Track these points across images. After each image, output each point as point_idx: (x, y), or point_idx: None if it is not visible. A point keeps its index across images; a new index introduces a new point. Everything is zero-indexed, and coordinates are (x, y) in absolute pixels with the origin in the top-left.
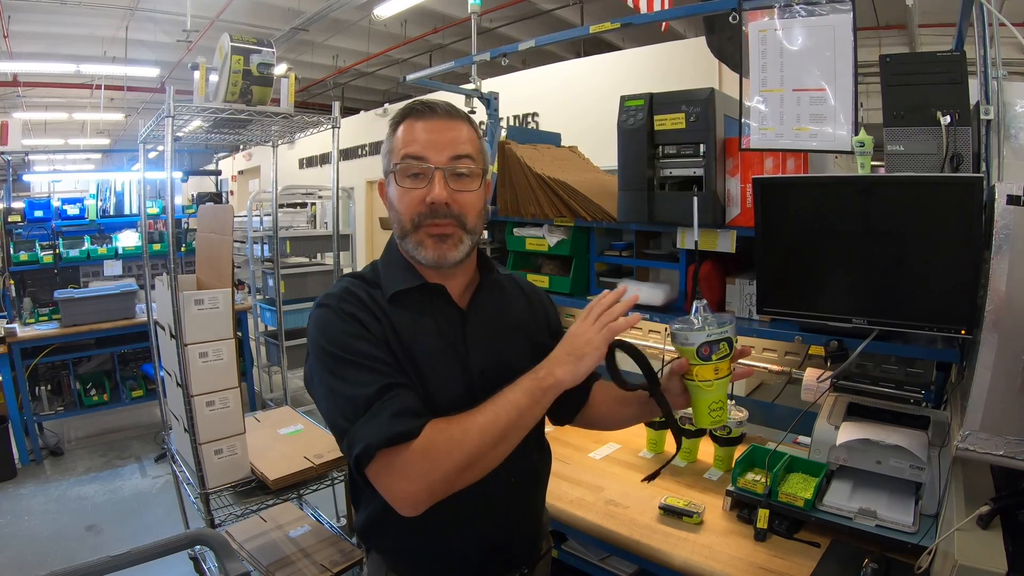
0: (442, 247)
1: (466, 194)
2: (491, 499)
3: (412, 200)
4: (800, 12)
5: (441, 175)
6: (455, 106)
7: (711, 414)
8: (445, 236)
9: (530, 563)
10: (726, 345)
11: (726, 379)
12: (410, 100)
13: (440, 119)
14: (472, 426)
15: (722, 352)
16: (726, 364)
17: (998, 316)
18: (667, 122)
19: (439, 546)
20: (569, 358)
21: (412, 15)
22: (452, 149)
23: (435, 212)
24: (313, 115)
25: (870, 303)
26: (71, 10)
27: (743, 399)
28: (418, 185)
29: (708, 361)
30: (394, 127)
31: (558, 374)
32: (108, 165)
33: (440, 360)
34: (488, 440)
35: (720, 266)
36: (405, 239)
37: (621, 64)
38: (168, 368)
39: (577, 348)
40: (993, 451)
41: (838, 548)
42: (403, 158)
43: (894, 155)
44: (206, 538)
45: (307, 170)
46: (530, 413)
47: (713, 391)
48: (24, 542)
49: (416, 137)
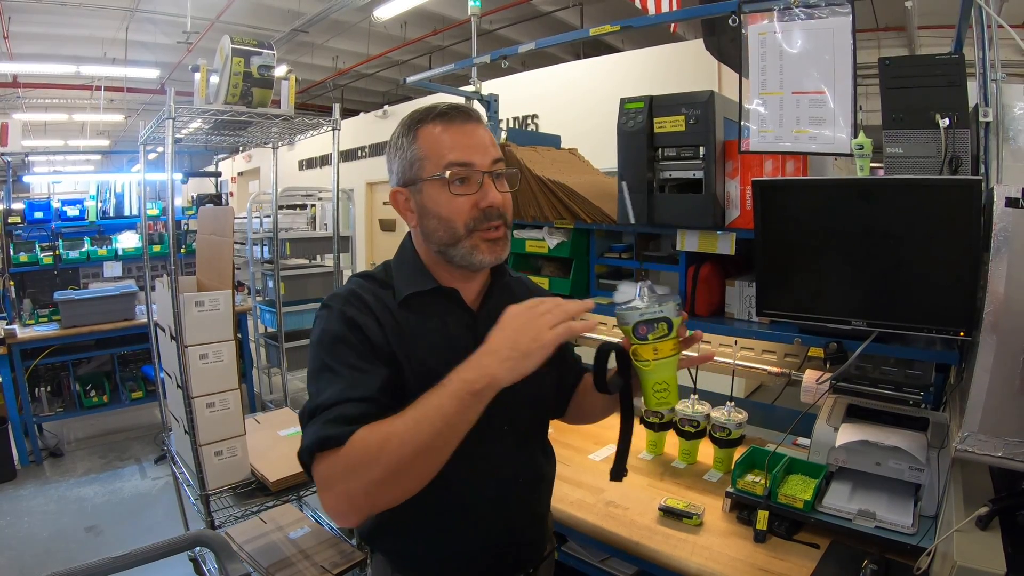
0: (496, 249)
1: (507, 194)
2: (498, 503)
3: (464, 206)
4: (800, 15)
5: (490, 179)
6: (472, 107)
7: (655, 395)
8: (498, 240)
9: (534, 564)
10: (664, 325)
11: (668, 360)
12: (417, 106)
13: (471, 122)
14: (392, 436)
15: (659, 332)
16: (667, 344)
17: (996, 318)
18: (667, 124)
19: (445, 549)
20: (513, 354)
21: (412, 17)
22: (492, 152)
23: (489, 215)
24: (313, 117)
25: (869, 305)
26: (71, 11)
27: (742, 401)
28: (468, 191)
29: (645, 341)
30: (413, 133)
31: (497, 373)
32: (108, 166)
33: (451, 363)
34: (408, 452)
35: (719, 268)
36: (456, 245)
37: (621, 66)
38: (168, 369)
39: (522, 344)
40: (992, 452)
41: (837, 549)
42: (450, 164)
43: (893, 157)
44: (206, 539)
45: (307, 172)
46: (460, 420)
47: (653, 371)
48: (24, 543)
49: (457, 141)
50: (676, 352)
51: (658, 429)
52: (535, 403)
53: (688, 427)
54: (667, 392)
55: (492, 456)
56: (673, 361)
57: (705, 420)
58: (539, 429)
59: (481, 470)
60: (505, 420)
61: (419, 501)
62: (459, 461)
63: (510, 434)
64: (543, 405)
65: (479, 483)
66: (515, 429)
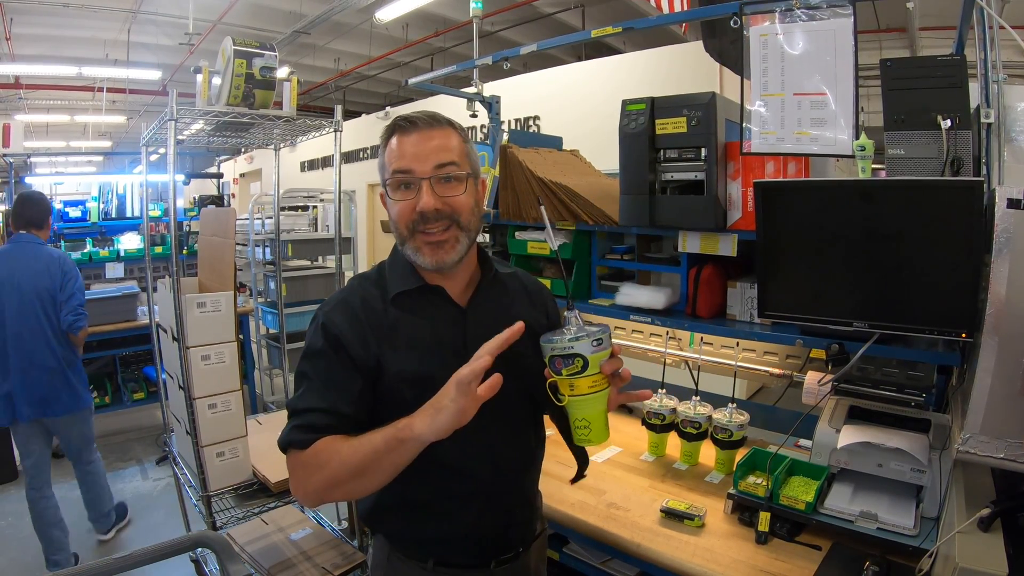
0: (439, 252)
1: (456, 197)
2: (493, 486)
3: (404, 210)
4: (801, 16)
5: (427, 184)
6: (437, 115)
7: (577, 431)
8: (440, 242)
9: (526, 543)
10: (580, 361)
11: (586, 398)
12: (413, 110)
13: (421, 131)
14: (337, 456)
15: (574, 368)
16: (584, 381)
17: (998, 319)
18: (668, 126)
19: (442, 530)
20: (429, 410)
21: (414, 18)
22: (436, 158)
23: (426, 218)
24: (315, 118)
25: (871, 306)
26: (73, 12)
27: (744, 402)
28: (408, 196)
29: (560, 376)
30: (384, 142)
31: (416, 427)
32: (110, 167)
33: (440, 358)
34: (344, 472)
35: (721, 270)
36: (404, 246)
37: (623, 68)
38: (170, 370)
39: (438, 399)
40: (994, 454)
41: (839, 551)
42: (392, 173)
43: (895, 159)
44: (208, 540)
45: (309, 173)
46: (387, 459)
47: (571, 407)
48: (25, 544)
49: (402, 151)
50: (596, 390)
51: (660, 431)
52: (524, 392)
53: (690, 429)
54: (588, 430)
55: (486, 440)
56: (593, 399)
57: (707, 422)
58: (531, 415)
59: (478, 456)
60: (497, 406)
61: (418, 484)
62: (457, 447)
63: (503, 420)
64: (532, 394)
65: (476, 468)
66: (507, 415)
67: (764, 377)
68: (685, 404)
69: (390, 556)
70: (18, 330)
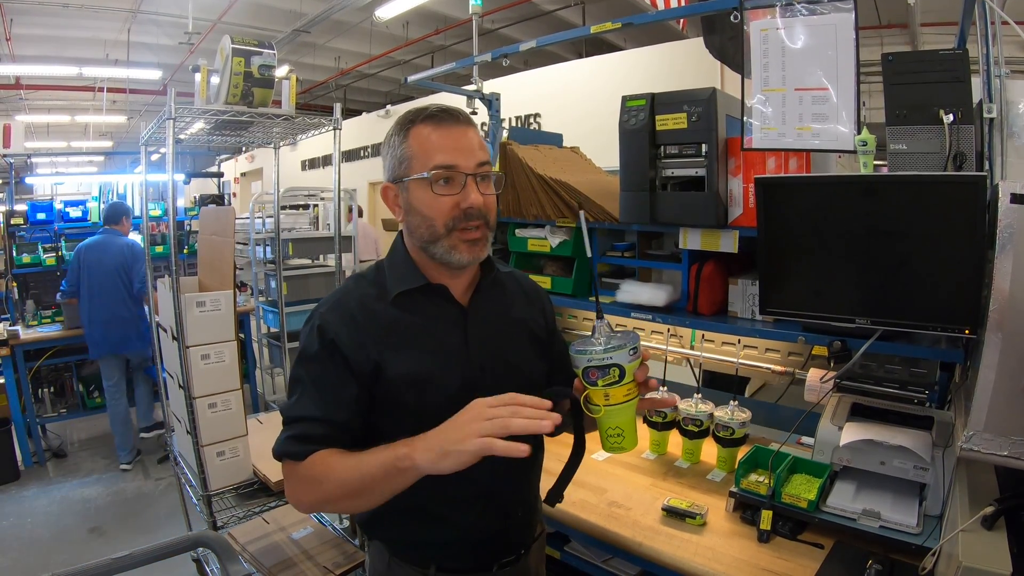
0: (474, 249)
1: (490, 196)
2: (491, 489)
3: (446, 206)
4: (802, 11)
5: (473, 180)
6: (463, 110)
7: (609, 440)
8: (477, 240)
9: (526, 544)
10: (616, 371)
11: (620, 406)
12: (417, 106)
13: (460, 125)
14: (332, 474)
15: (611, 378)
16: (619, 391)
17: (1002, 316)
18: (669, 122)
19: (440, 534)
20: (435, 449)
21: (413, 17)
22: (476, 155)
23: (469, 216)
24: (315, 116)
25: (873, 303)
26: (73, 13)
27: (746, 400)
28: (451, 191)
29: (595, 386)
30: (404, 132)
31: (418, 460)
32: (110, 167)
33: (441, 357)
34: (339, 492)
35: (723, 267)
36: (436, 243)
37: (623, 64)
38: (170, 370)
39: (448, 442)
40: (997, 451)
41: (842, 549)
42: (435, 166)
43: (897, 154)
44: (208, 540)
45: (309, 172)
46: (384, 485)
47: (605, 417)
48: (27, 544)
49: (442, 144)
50: (630, 398)
51: (661, 429)
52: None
53: (691, 426)
54: (621, 438)
55: None
56: (626, 407)
57: (708, 419)
58: None
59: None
60: None
61: (416, 490)
62: None
63: None
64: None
65: (475, 472)
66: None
67: (766, 374)
68: (686, 402)
69: (390, 563)
70: (103, 293)
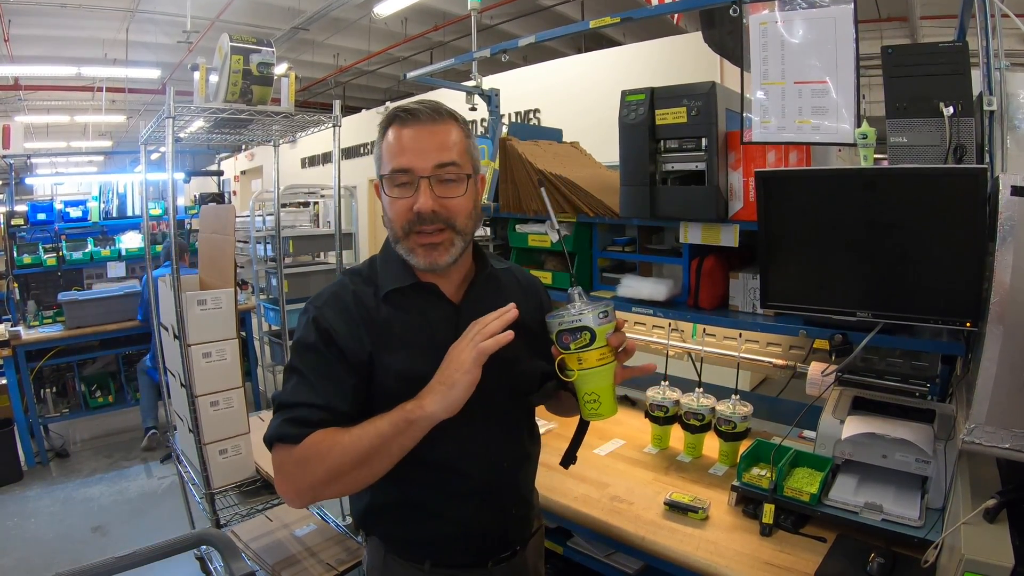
0: (432, 254)
1: (454, 200)
2: (486, 484)
3: (400, 209)
4: (801, 4)
5: (427, 184)
6: (440, 106)
7: (586, 406)
8: (435, 244)
9: (523, 540)
10: (587, 334)
11: (594, 370)
12: (396, 105)
13: (424, 125)
14: (337, 445)
15: (582, 341)
16: (592, 354)
17: (1003, 308)
18: (668, 116)
19: (436, 530)
20: (440, 387)
21: (412, 13)
22: (437, 156)
23: (422, 219)
24: (314, 114)
25: (874, 296)
26: (71, 13)
27: (747, 394)
28: (405, 194)
29: (568, 350)
30: (381, 132)
31: (427, 406)
32: (110, 167)
33: (432, 357)
34: (348, 461)
35: (723, 260)
36: (398, 244)
37: (622, 59)
38: (172, 369)
39: (448, 376)
40: (999, 444)
41: (844, 543)
42: (391, 170)
43: (897, 147)
44: (211, 538)
45: (309, 169)
46: (394, 442)
47: (580, 381)
48: (30, 544)
49: (402, 146)
50: (604, 363)
51: (663, 423)
52: (517, 389)
53: (693, 421)
54: (597, 404)
55: (479, 439)
56: (601, 372)
57: (710, 413)
58: (524, 413)
59: (469, 453)
60: (490, 405)
61: (411, 484)
62: (447, 445)
63: (495, 418)
64: (525, 391)
65: (467, 466)
66: (500, 413)
67: (767, 368)
68: (688, 396)
69: (386, 558)
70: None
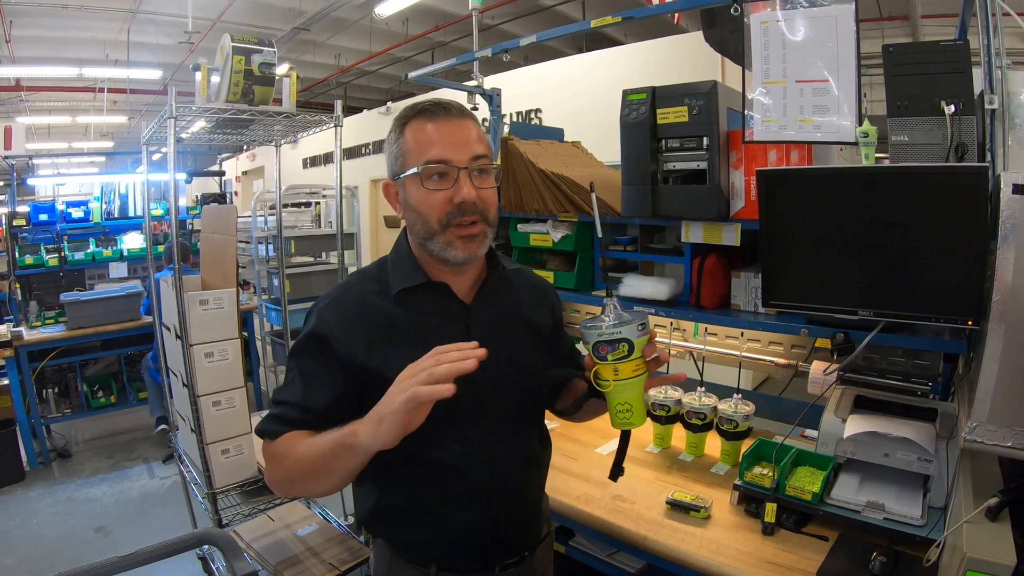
0: (471, 245)
1: (488, 191)
2: (494, 488)
3: (438, 201)
4: (802, 3)
5: (466, 174)
6: (461, 104)
7: (618, 415)
8: (472, 236)
9: (531, 546)
10: (625, 346)
11: (630, 381)
12: (414, 100)
13: (454, 119)
14: (292, 453)
15: (619, 352)
16: (628, 366)
17: (1005, 306)
18: (670, 115)
19: (444, 534)
20: (373, 418)
21: (413, 13)
22: (471, 148)
23: (463, 211)
24: (315, 114)
25: (876, 295)
26: (73, 14)
27: (749, 393)
28: (444, 186)
29: (605, 361)
30: (401, 128)
31: (360, 435)
32: (112, 168)
33: None
34: (297, 472)
35: (725, 259)
36: (431, 239)
37: (623, 59)
38: (174, 368)
39: (381, 408)
40: (1001, 442)
41: (846, 541)
42: (427, 161)
43: (898, 145)
44: (213, 538)
45: (311, 169)
46: (336, 463)
47: (614, 392)
48: (33, 544)
49: (434, 139)
50: (639, 373)
51: (665, 422)
52: (526, 392)
53: (695, 420)
54: (630, 413)
55: (486, 442)
56: (636, 383)
57: (712, 413)
58: (532, 416)
59: (477, 457)
60: (498, 407)
61: (416, 487)
62: (453, 447)
63: (503, 421)
64: (535, 394)
65: (475, 470)
66: (508, 416)
67: (769, 367)
68: (690, 395)
69: (391, 562)
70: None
